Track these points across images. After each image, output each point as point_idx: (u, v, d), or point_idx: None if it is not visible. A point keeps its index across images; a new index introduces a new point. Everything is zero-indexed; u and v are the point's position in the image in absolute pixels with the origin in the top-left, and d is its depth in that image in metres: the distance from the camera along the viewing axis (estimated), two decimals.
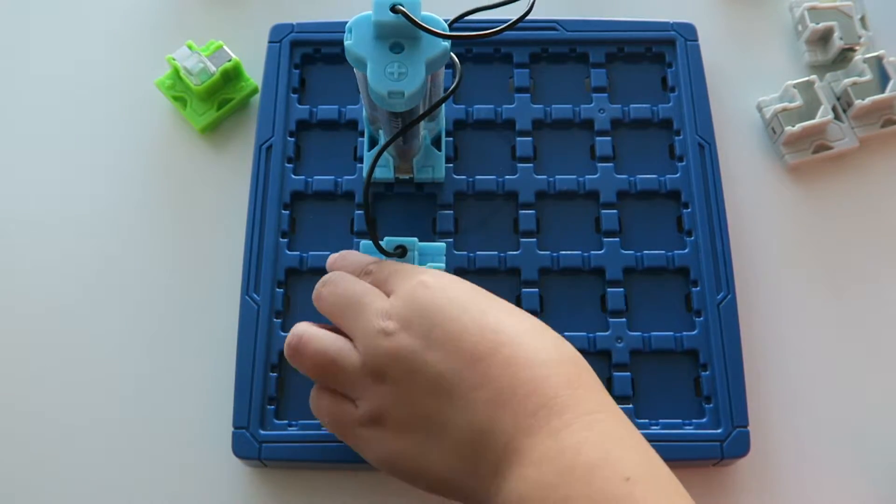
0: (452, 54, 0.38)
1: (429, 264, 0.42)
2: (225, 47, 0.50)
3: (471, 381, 0.33)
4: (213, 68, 0.49)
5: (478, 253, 0.46)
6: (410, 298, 0.35)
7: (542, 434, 0.31)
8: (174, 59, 0.49)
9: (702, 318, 0.44)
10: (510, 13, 0.38)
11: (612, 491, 0.29)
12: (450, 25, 0.38)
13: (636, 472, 0.30)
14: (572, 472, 0.30)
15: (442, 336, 0.34)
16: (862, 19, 0.52)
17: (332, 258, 0.41)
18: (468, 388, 0.33)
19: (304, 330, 0.37)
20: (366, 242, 0.42)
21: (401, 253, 0.41)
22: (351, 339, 0.37)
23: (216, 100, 0.50)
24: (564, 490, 0.30)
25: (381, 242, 0.41)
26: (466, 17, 0.39)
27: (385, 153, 0.45)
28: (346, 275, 0.39)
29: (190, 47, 0.49)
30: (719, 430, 0.42)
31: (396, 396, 0.35)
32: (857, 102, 0.49)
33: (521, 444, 0.31)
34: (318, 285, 0.39)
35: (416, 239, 0.42)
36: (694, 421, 0.43)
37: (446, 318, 0.34)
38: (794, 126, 0.49)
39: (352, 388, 0.36)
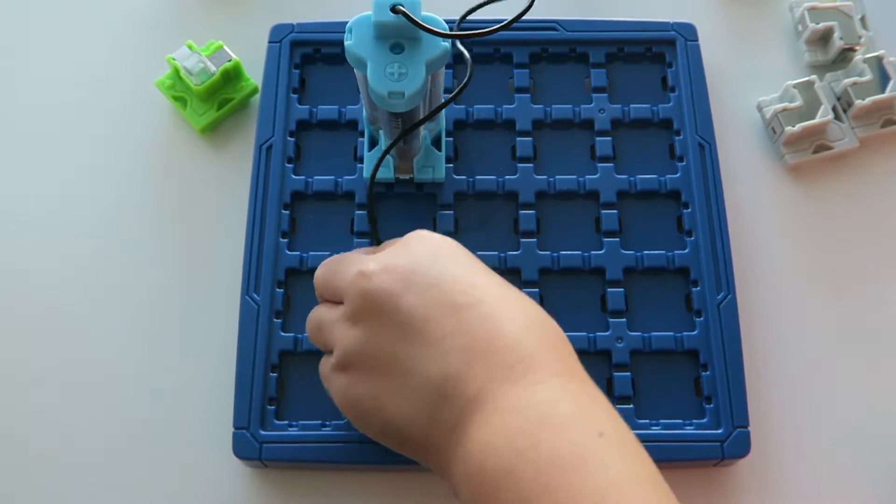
0: (465, 50, 0.38)
1: None
2: (225, 47, 0.50)
3: (446, 328, 0.32)
4: (213, 68, 0.49)
5: (478, 253, 0.45)
6: (402, 244, 0.36)
7: (517, 385, 0.31)
8: (174, 59, 0.49)
9: (702, 319, 0.44)
10: (510, 13, 0.38)
11: (586, 442, 0.29)
12: (460, 20, 0.38)
13: (609, 429, 0.30)
14: (547, 421, 0.30)
15: (423, 281, 0.34)
16: (862, 19, 0.52)
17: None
18: (442, 335, 0.32)
19: (314, 309, 0.39)
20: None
21: None
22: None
23: (216, 100, 0.50)
24: (536, 436, 0.29)
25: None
26: (467, 18, 0.39)
27: None
28: (340, 255, 0.40)
29: (190, 47, 0.49)
30: (720, 431, 0.42)
31: (366, 339, 0.34)
32: (858, 102, 0.49)
33: (491, 392, 0.31)
34: (317, 270, 0.40)
35: None
36: (694, 421, 0.43)
37: (432, 264, 0.34)
38: (794, 126, 0.49)
39: (333, 341, 0.36)
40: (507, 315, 0.33)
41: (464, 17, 0.39)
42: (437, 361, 0.32)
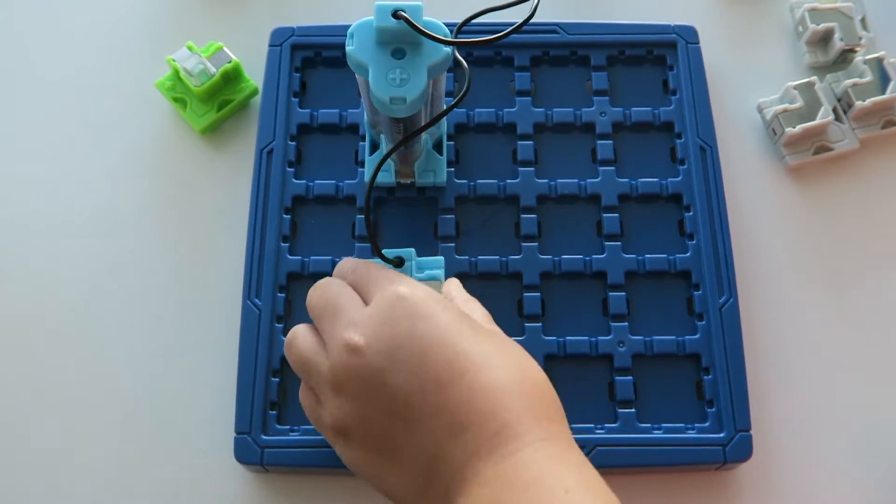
0: (463, 61, 0.38)
1: (426, 272, 0.41)
2: (225, 48, 0.50)
3: (431, 406, 0.33)
4: (213, 69, 0.49)
5: (479, 257, 0.46)
6: (384, 309, 0.35)
7: (493, 458, 0.32)
8: (174, 61, 0.49)
9: (704, 322, 0.44)
10: (511, 15, 0.38)
11: (551, 500, 0.30)
12: (458, 29, 0.38)
13: (575, 485, 0.31)
14: (513, 485, 0.31)
15: (407, 357, 0.34)
16: (862, 20, 0.52)
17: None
18: (427, 414, 0.33)
19: (296, 330, 0.38)
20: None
21: (398, 262, 0.41)
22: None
23: (216, 101, 0.50)
24: (507, 502, 0.30)
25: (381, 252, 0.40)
26: (468, 21, 0.39)
27: None
28: (334, 280, 0.39)
29: (190, 48, 0.49)
30: (722, 435, 0.42)
31: (354, 413, 0.35)
32: (858, 103, 0.49)
33: (472, 467, 0.32)
34: (310, 289, 0.39)
35: (412, 250, 0.41)
36: (696, 425, 0.43)
37: (415, 335, 0.34)
38: (794, 127, 0.49)
39: (320, 392, 0.37)
40: (487, 382, 0.33)
41: (462, 25, 0.38)
42: (425, 442, 0.33)
